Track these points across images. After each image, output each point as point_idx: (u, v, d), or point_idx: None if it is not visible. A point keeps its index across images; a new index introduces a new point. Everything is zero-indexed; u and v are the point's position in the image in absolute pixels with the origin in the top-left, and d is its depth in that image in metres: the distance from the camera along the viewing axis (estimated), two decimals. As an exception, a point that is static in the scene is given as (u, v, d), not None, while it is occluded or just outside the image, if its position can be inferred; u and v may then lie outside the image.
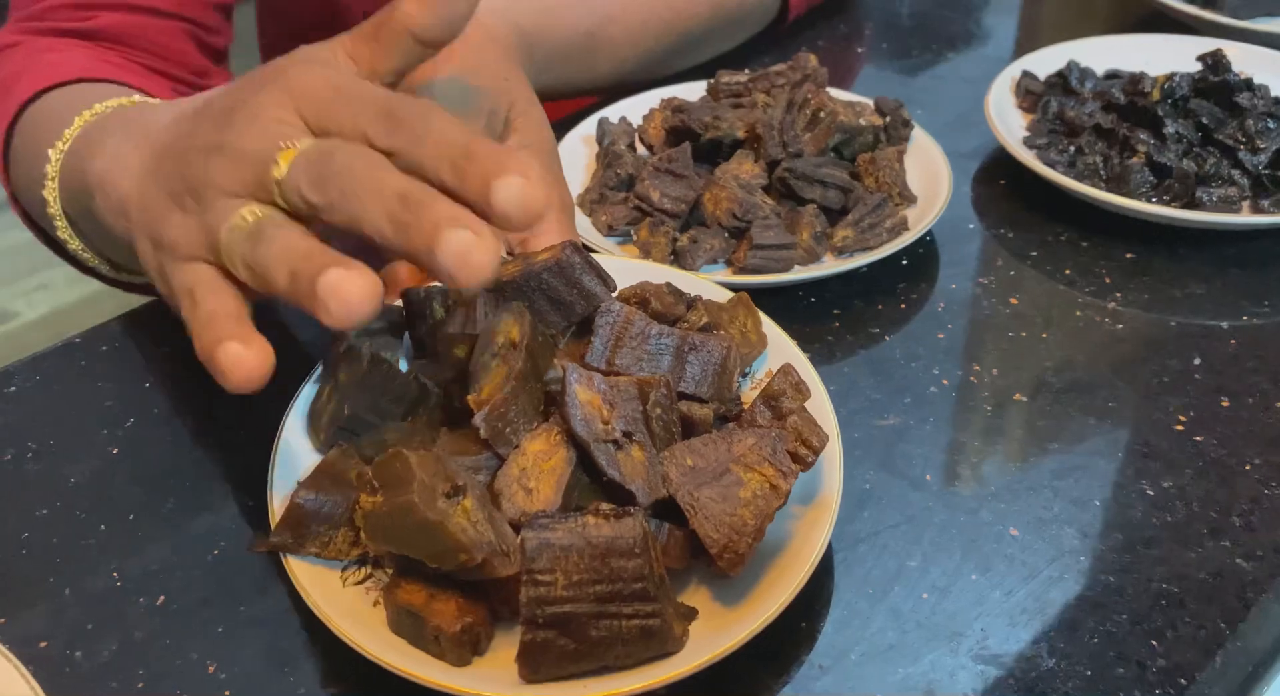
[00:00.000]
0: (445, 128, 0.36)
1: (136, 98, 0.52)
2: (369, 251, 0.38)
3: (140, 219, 0.42)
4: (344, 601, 0.38)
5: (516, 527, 0.36)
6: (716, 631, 0.37)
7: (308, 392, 0.44)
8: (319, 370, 0.45)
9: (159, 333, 0.57)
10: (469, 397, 0.39)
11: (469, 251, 0.32)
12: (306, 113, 0.38)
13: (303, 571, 0.38)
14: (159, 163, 0.41)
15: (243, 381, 0.35)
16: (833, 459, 0.42)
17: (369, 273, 0.33)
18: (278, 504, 0.40)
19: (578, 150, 0.68)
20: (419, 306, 0.44)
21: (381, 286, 0.34)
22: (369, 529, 0.36)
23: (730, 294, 0.49)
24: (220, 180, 0.38)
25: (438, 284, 0.46)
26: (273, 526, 0.39)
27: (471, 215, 0.33)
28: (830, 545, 0.44)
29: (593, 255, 0.45)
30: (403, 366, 0.45)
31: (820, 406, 0.43)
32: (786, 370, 0.42)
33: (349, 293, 0.32)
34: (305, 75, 0.39)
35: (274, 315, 0.58)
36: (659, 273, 0.50)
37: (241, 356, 0.35)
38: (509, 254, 0.49)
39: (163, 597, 0.43)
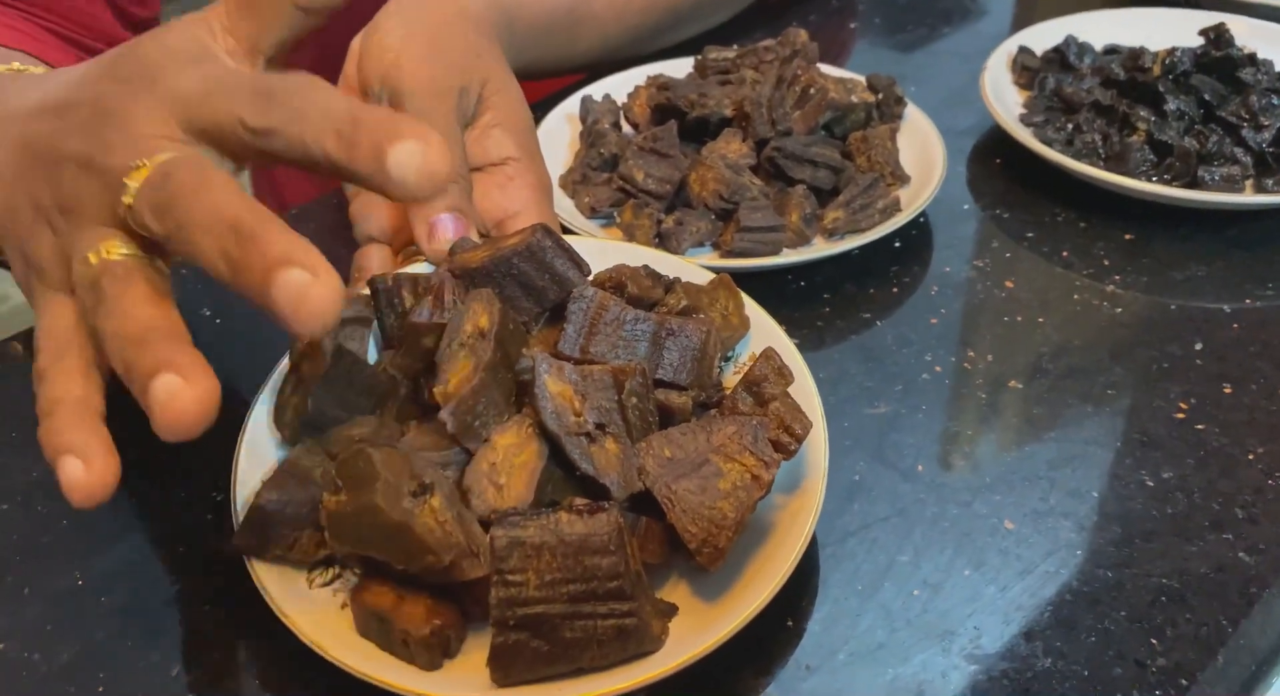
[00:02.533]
0: (327, 98, 0.33)
1: (16, 66, 0.48)
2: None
3: (7, 230, 0.39)
4: (310, 604, 0.37)
5: (486, 525, 0.35)
6: (697, 629, 0.36)
7: (273, 386, 0.43)
8: (284, 362, 0.43)
9: (126, 320, 0.55)
10: (435, 390, 0.38)
11: (304, 293, 0.29)
12: (181, 116, 0.36)
13: (267, 574, 0.37)
14: (25, 172, 0.38)
15: (81, 500, 0.33)
16: (817, 446, 0.40)
17: (200, 377, 0.31)
18: (241, 504, 0.39)
19: (560, 129, 0.66)
20: (388, 295, 0.43)
21: (217, 395, 0.31)
22: (333, 530, 0.35)
23: (712, 275, 0.47)
24: (84, 204, 0.35)
25: (406, 271, 0.44)
26: (235, 528, 0.38)
27: (309, 250, 0.30)
28: (817, 539, 0.42)
29: (567, 237, 0.43)
30: (373, 357, 0.43)
31: (804, 391, 0.42)
32: (769, 354, 0.41)
33: (182, 406, 0.31)
34: (179, 77, 0.36)
35: (238, 308, 0.57)
36: (637, 254, 0.48)
37: (75, 475, 0.33)
38: (481, 236, 0.47)
39: (125, 598, 0.41)
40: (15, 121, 0.39)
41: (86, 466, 0.33)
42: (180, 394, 0.31)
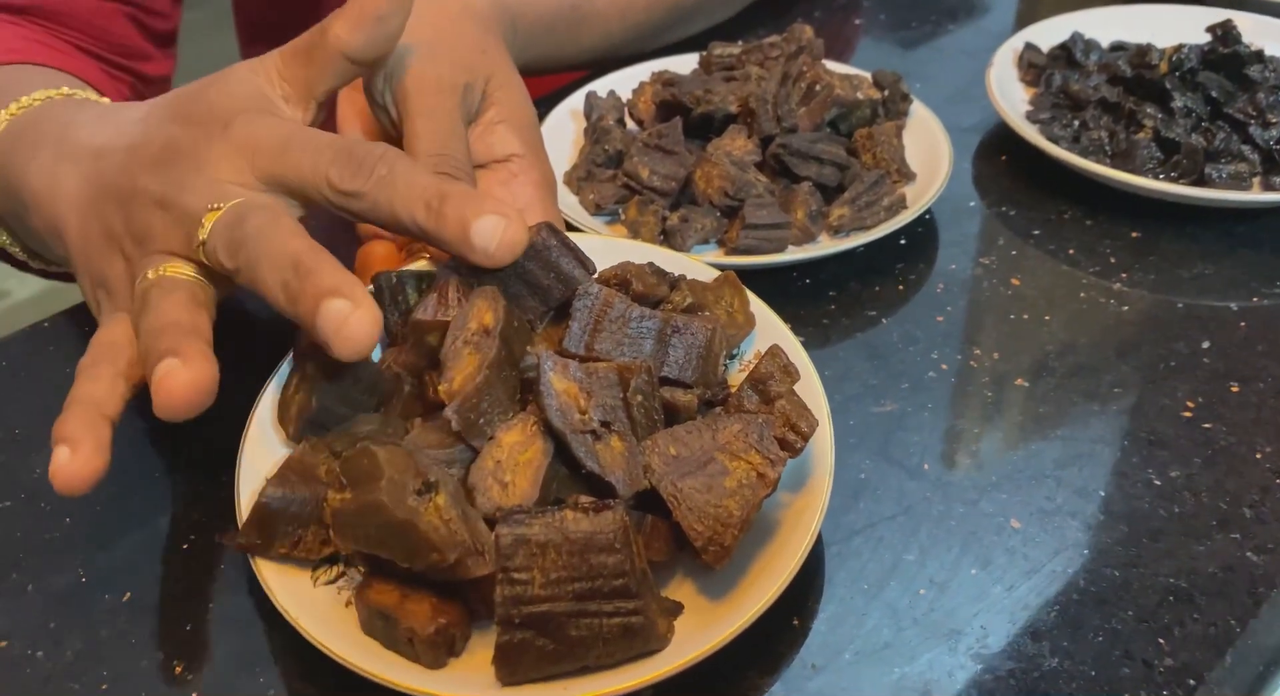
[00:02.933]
0: (410, 169, 0.38)
1: (65, 90, 0.50)
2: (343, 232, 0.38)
3: (81, 253, 0.42)
4: (314, 602, 0.37)
5: (492, 523, 0.35)
6: (703, 627, 0.35)
7: (277, 383, 0.43)
8: (289, 359, 0.43)
9: (130, 317, 0.55)
10: (439, 388, 0.37)
11: (344, 321, 0.34)
12: (258, 165, 0.39)
13: (271, 572, 0.37)
14: (100, 202, 0.41)
15: (59, 486, 0.36)
16: (823, 444, 0.40)
17: (198, 362, 0.35)
18: (245, 501, 0.39)
19: (565, 125, 0.66)
20: (392, 292, 0.42)
21: (211, 383, 0.35)
22: (337, 528, 0.35)
23: (717, 272, 0.47)
24: (158, 235, 0.39)
25: (411, 267, 0.44)
26: (240, 525, 0.38)
27: (356, 285, 0.35)
28: (823, 538, 0.42)
29: (572, 235, 0.43)
30: (377, 354, 0.43)
31: (810, 389, 0.42)
32: (774, 352, 0.40)
33: (174, 384, 0.34)
34: (251, 127, 0.40)
35: (241, 305, 0.57)
36: (641, 252, 0.48)
37: (59, 461, 0.36)
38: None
39: (129, 594, 0.41)
40: (87, 155, 0.43)
41: (72, 454, 0.36)
42: (176, 374, 0.34)
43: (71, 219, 0.42)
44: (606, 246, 0.48)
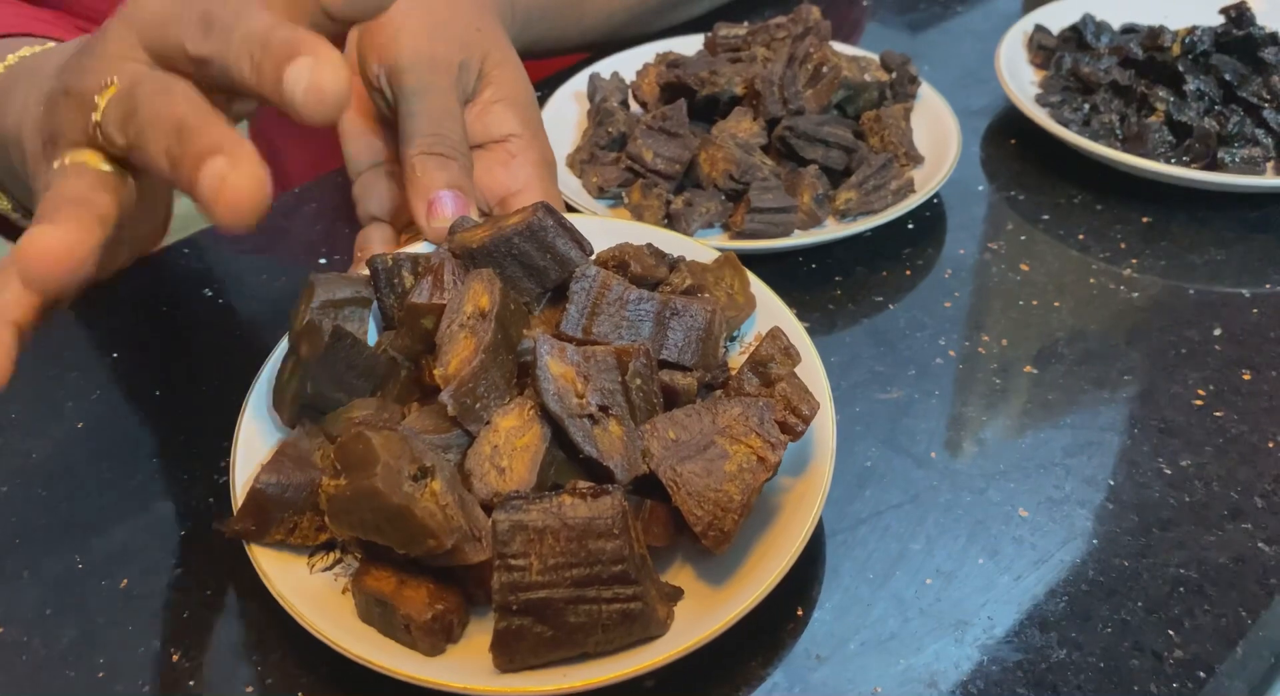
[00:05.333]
0: (251, 23, 0.33)
1: (50, 44, 0.49)
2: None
3: (30, 174, 0.40)
4: (311, 589, 0.36)
5: (489, 509, 0.34)
6: (703, 613, 0.35)
7: (272, 368, 0.42)
8: (283, 343, 0.43)
9: (127, 301, 0.55)
10: (435, 372, 0.37)
11: (223, 180, 0.30)
12: (144, 38, 0.36)
13: (266, 558, 0.36)
14: (38, 115, 0.38)
15: None
16: (825, 427, 0.39)
17: (70, 232, 0.32)
18: (240, 487, 0.38)
19: (568, 107, 0.65)
20: (387, 275, 0.42)
21: (84, 250, 0.32)
22: (333, 514, 0.34)
23: (716, 253, 0.47)
24: (65, 128, 0.36)
25: (406, 251, 0.43)
26: (235, 512, 0.37)
27: (241, 143, 0.31)
28: (828, 526, 0.42)
29: (569, 216, 0.42)
30: (373, 338, 0.42)
31: (812, 372, 0.41)
32: (775, 334, 0.40)
33: (33, 251, 0.32)
34: (147, 2, 0.36)
35: (240, 288, 0.56)
36: (640, 233, 0.47)
37: None
38: (483, 214, 0.46)
39: (126, 581, 0.41)
40: (45, 78, 0.40)
41: None
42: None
43: (29, 144, 0.40)
44: (604, 227, 0.47)
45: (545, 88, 0.67)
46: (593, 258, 0.42)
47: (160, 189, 0.39)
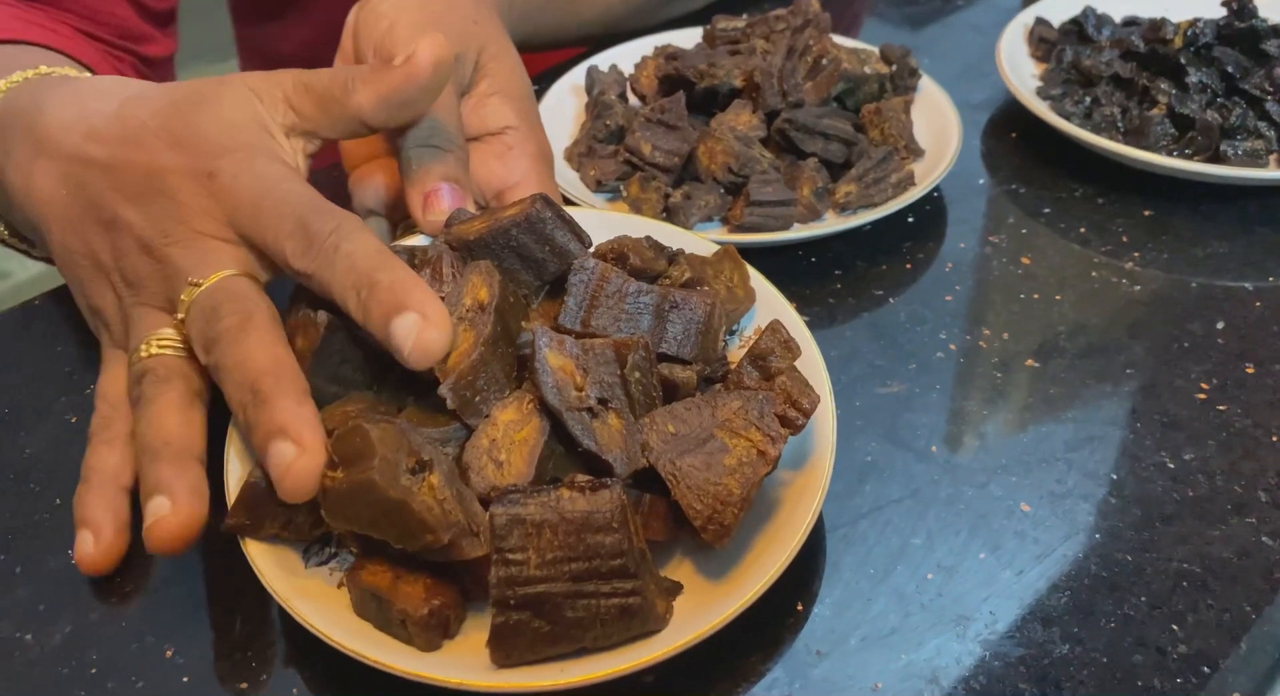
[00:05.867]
0: (354, 252, 0.36)
1: (43, 69, 0.49)
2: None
3: (69, 270, 0.43)
4: (306, 584, 0.36)
5: (486, 503, 0.34)
6: (703, 607, 0.35)
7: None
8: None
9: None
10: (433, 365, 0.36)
11: (289, 467, 0.33)
12: (235, 222, 0.39)
13: (261, 553, 0.36)
14: (81, 223, 0.41)
15: (87, 570, 0.39)
16: (825, 420, 0.39)
17: (187, 504, 0.36)
18: (234, 481, 0.38)
19: (565, 100, 0.65)
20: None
21: (198, 522, 0.36)
22: (329, 508, 0.34)
23: (716, 246, 0.46)
24: (145, 285, 0.40)
25: (403, 242, 0.43)
26: (228, 506, 0.37)
27: (308, 423, 0.34)
28: (828, 521, 0.41)
29: (567, 208, 0.42)
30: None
31: (812, 365, 0.41)
32: (775, 327, 0.39)
33: (165, 529, 0.35)
34: (235, 179, 0.39)
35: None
36: (639, 225, 0.47)
37: (85, 549, 0.38)
38: (479, 207, 0.46)
39: (119, 576, 0.40)
40: (61, 154, 0.42)
41: (96, 541, 0.38)
42: (165, 521, 0.35)
43: (54, 229, 0.42)
44: (603, 220, 0.47)
45: (543, 81, 0.66)
46: (591, 250, 0.42)
47: None
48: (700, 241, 0.47)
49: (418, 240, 0.45)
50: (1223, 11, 0.66)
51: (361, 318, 0.36)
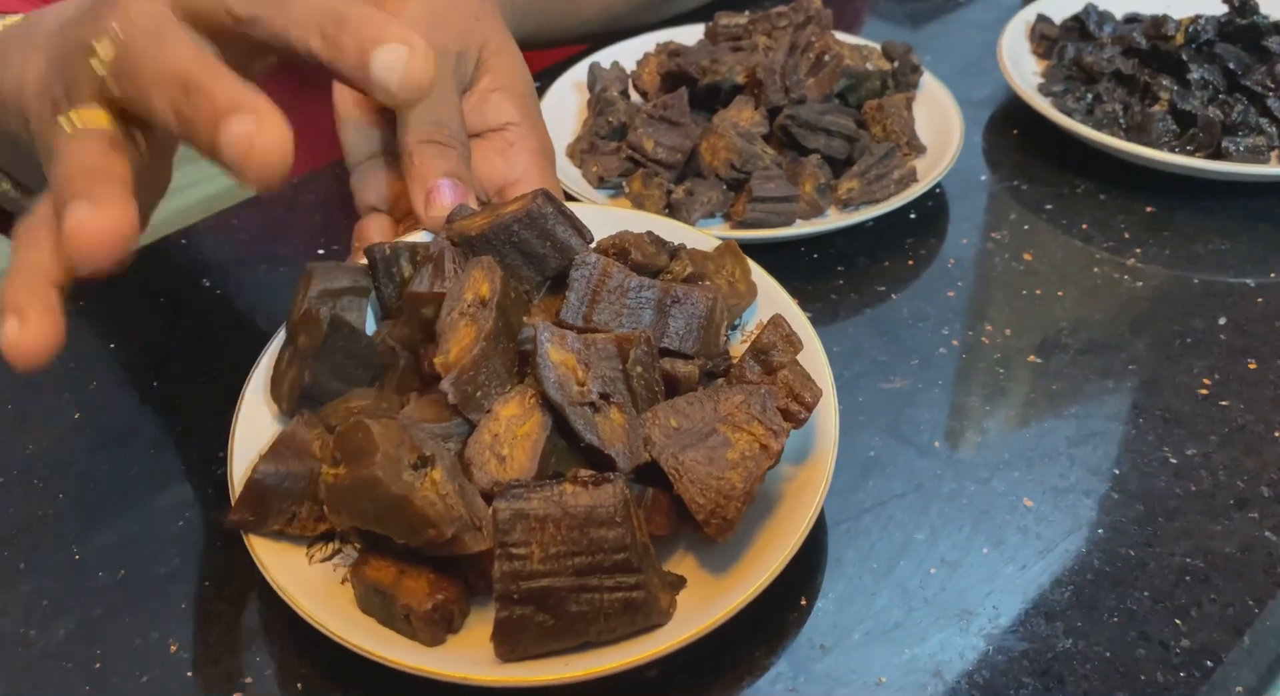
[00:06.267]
0: None
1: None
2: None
3: (36, 133, 0.38)
4: (310, 579, 0.36)
5: (489, 497, 0.34)
6: (706, 601, 0.35)
7: (270, 357, 0.42)
8: (281, 332, 0.42)
9: (125, 290, 0.55)
10: (436, 360, 0.36)
11: (251, 140, 0.29)
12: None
13: (265, 549, 0.36)
14: (44, 70, 0.37)
15: (14, 360, 0.33)
16: (827, 414, 0.39)
17: (115, 211, 0.31)
18: (238, 478, 0.38)
19: (568, 97, 0.65)
20: (386, 264, 0.41)
21: (129, 227, 0.31)
22: (332, 503, 0.34)
23: (717, 241, 0.46)
24: (79, 82, 0.35)
25: (405, 240, 0.43)
26: (232, 502, 0.37)
27: (257, 97, 0.30)
28: (831, 516, 0.41)
29: (569, 204, 0.42)
30: (371, 328, 0.42)
31: (814, 359, 0.41)
32: (777, 321, 0.39)
33: (84, 233, 0.31)
34: None
35: (238, 279, 0.56)
36: (640, 221, 0.47)
37: (10, 335, 0.33)
38: (481, 203, 0.46)
39: (123, 572, 0.40)
40: (48, 36, 0.38)
41: (22, 325, 0.33)
42: (87, 221, 0.31)
43: (32, 104, 0.39)
44: (604, 215, 0.47)
45: (545, 77, 0.66)
46: (593, 245, 0.42)
47: (165, 145, 0.38)
48: (701, 236, 0.47)
49: (420, 236, 0.45)
50: (1224, 8, 0.66)
51: (331, 55, 0.32)
